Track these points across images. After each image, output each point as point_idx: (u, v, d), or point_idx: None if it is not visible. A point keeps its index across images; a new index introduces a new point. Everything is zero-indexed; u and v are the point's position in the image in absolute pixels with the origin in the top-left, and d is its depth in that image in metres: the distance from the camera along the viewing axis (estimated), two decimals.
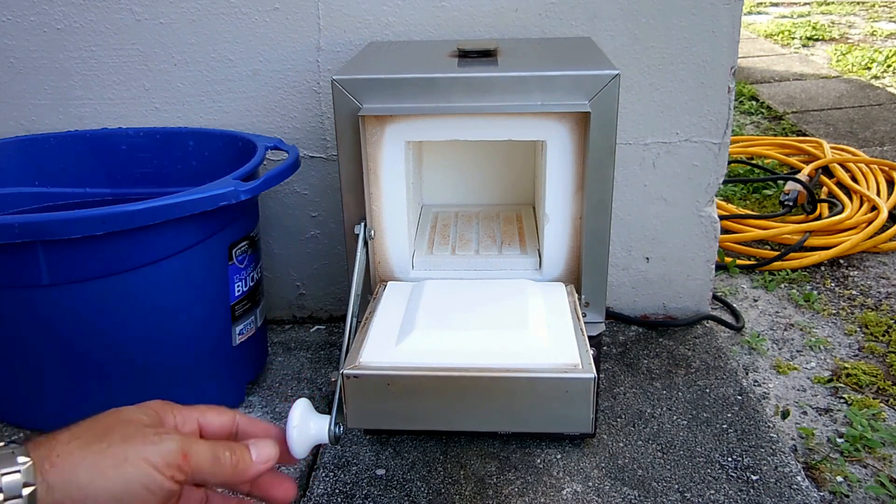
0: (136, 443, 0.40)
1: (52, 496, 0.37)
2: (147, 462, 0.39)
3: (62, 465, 0.38)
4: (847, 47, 3.18)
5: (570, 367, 0.59)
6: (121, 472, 0.38)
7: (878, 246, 1.42)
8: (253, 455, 0.45)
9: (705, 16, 0.96)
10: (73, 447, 0.39)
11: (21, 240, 0.75)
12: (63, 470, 0.37)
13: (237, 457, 0.44)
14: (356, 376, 0.59)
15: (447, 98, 0.70)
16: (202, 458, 0.41)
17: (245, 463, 0.44)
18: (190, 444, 0.41)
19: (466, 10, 0.98)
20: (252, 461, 0.44)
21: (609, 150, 0.71)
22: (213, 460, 0.42)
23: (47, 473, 0.37)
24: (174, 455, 0.40)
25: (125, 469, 0.38)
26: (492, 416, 0.60)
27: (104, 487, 0.38)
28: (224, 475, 0.43)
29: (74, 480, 0.37)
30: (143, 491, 0.39)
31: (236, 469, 0.43)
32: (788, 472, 0.81)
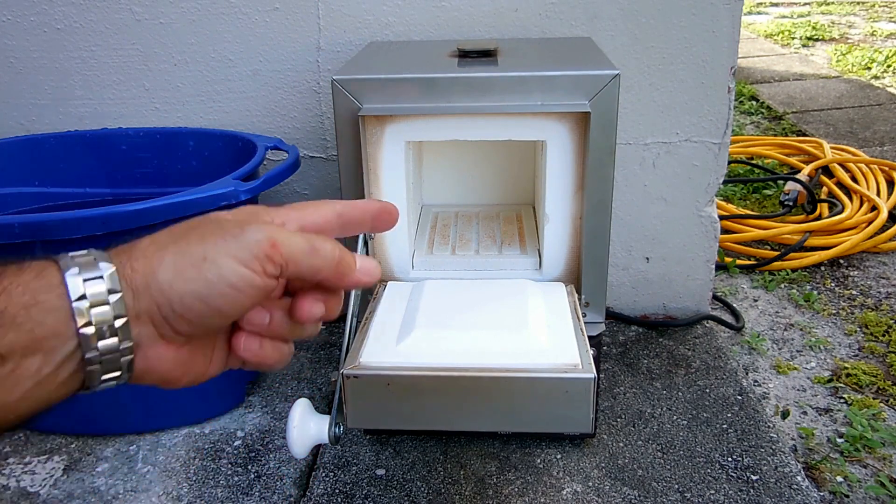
0: (216, 238, 0.36)
1: (139, 303, 0.35)
2: (230, 257, 0.35)
3: (142, 270, 0.35)
4: (847, 47, 3.18)
5: (570, 368, 0.59)
6: (201, 272, 0.35)
7: (878, 246, 1.42)
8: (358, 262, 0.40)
9: (705, 16, 0.96)
10: (152, 251, 0.36)
11: (21, 240, 0.75)
12: (143, 275, 0.35)
13: (341, 253, 0.39)
14: (356, 376, 0.59)
15: (447, 98, 0.70)
16: (296, 247, 0.36)
17: (347, 262, 0.39)
18: (279, 232, 0.36)
19: (466, 10, 0.98)
20: (355, 266, 0.39)
21: (609, 150, 0.71)
22: (311, 250, 0.37)
23: (130, 279, 0.35)
24: (261, 245, 0.35)
25: (205, 268, 0.35)
26: (492, 416, 0.60)
27: (186, 289, 0.35)
28: (325, 269, 0.38)
29: (156, 284, 0.35)
30: (230, 289, 0.35)
31: (339, 265, 0.38)
32: (788, 472, 0.81)
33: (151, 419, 0.91)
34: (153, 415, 0.91)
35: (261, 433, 0.91)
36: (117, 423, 0.90)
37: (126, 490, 0.82)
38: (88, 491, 0.82)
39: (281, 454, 0.87)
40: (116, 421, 0.90)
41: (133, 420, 0.91)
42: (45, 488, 0.83)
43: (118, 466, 0.86)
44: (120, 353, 0.35)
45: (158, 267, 0.35)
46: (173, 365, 0.37)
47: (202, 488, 0.82)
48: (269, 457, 0.86)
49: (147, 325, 0.35)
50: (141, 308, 0.35)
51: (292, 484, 0.82)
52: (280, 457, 0.86)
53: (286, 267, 0.36)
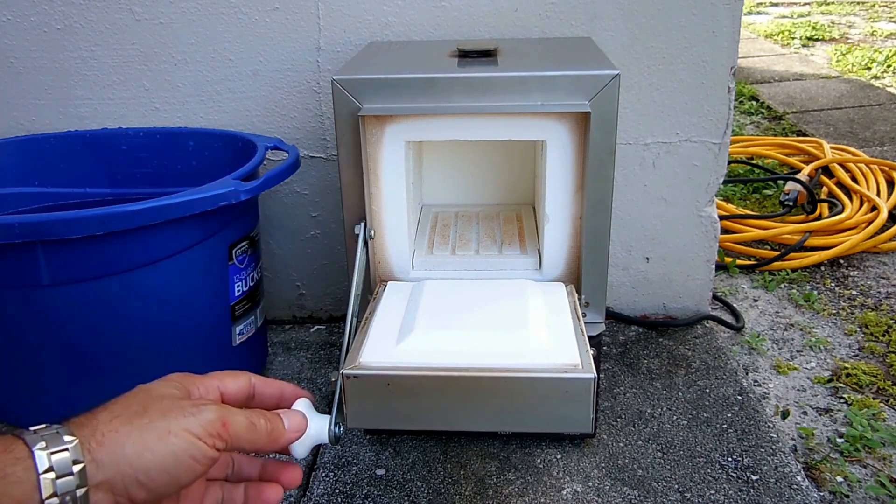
0: (177, 415, 0.40)
1: (102, 473, 0.38)
2: (189, 433, 0.40)
3: (108, 444, 0.38)
4: (847, 47, 3.18)
5: (570, 367, 0.59)
6: (167, 444, 0.39)
7: (878, 246, 1.42)
8: (286, 423, 0.46)
9: (705, 16, 0.96)
10: (116, 424, 0.40)
11: (21, 240, 0.75)
12: (110, 448, 0.38)
13: (272, 424, 0.45)
14: (356, 376, 0.59)
15: (447, 98, 0.70)
16: (240, 426, 0.43)
17: (279, 431, 0.46)
18: (227, 412, 0.42)
19: (466, 10, 0.98)
20: (285, 429, 0.46)
21: (609, 150, 0.71)
22: (250, 427, 0.43)
23: (94, 451, 0.38)
24: (214, 424, 0.41)
25: (170, 441, 0.39)
26: (492, 417, 0.60)
27: (153, 461, 0.39)
28: (260, 442, 0.44)
29: (123, 456, 0.38)
30: (190, 460, 0.40)
31: (271, 436, 0.45)
32: (788, 472, 0.81)
33: None
34: None
35: None
36: None
37: None
38: None
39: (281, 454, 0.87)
40: None
41: None
42: None
43: None
44: None
45: (126, 441, 0.39)
46: None
47: None
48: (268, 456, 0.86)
49: (106, 492, 0.38)
50: (104, 477, 0.38)
51: None
52: (280, 456, 0.86)
53: (230, 442, 0.42)
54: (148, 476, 0.39)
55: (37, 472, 0.36)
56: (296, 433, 0.47)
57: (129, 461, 0.38)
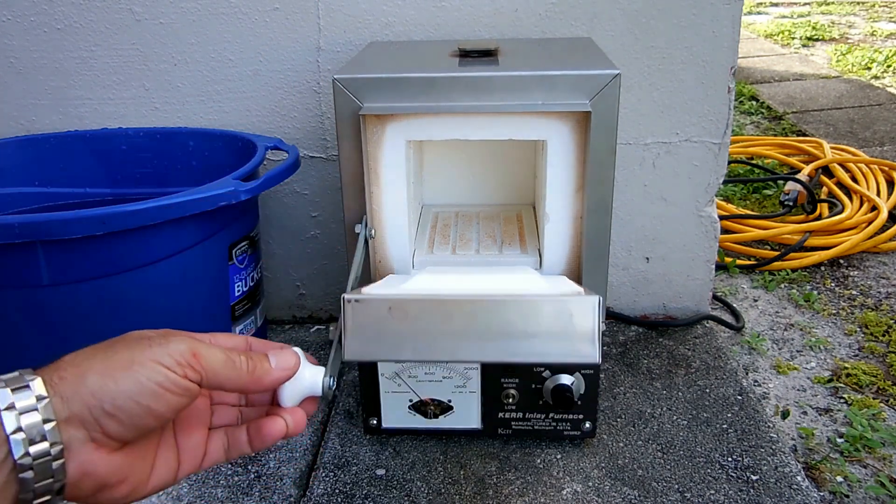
0: (143, 348, 0.39)
1: (68, 408, 0.37)
2: (156, 362, 0.39)
3: (70, 377, 0.37)
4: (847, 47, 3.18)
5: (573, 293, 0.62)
6: (131, 373, 0.38)
7: (878, 246, 1.42)
8: (272, 362, 0.44)
9: (705, 16, 0.96)
10: (79, 360, 0.38)
11: (21, 240, 0.75)
12: (72, 381, 0.37)
13: (254, 363, 0.43)
14: (357, 300, 0.58)
15: (448, 97, 0.70)
16: (214, 359, 0.41)
17: (263, 369, 0.43)
18: (199, 345, 0.41)
19: (467, 10, 0.98)
20: (271, 367, 0.44)
21: (609, 150, 0.71)
22: (227, 362, 0.42)
23: (57, 386, 0.37)
24: (184, 354, 0.40)
25: (134, 370, 0.38)
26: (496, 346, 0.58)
27: (116, 390, 0.37)
28: (240, 380, 0.42)
29: (85, 387, 0.37)
30: (158, 388, 0.38)
31: (253, 374, 0.43)
32: (788, 472, 0.81)
33: None
34: None
35: None
36: None
37: None
38: None
39: (281, 454, 0.87)
40: None
41: None
42: None
43: None
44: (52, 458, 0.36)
45: (88, 372, 0.38)
46: (108, 470, 0.39)
47: (202, 488, 0.82)
48: (269, 457, 0.86)
49: (78, 428, 0.37)
50: (71, 412, 0.37)
51: (292, 484, 0.82)
52: (280, 457, 0.86)
53: (205, 376, 0.40)
54: (114, 405, 0.37)
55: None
56: (284, 371, 0.45)
57: (92, 391, 0.37)
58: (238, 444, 0.46)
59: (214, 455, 0.46)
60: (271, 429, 0.45)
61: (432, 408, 0.83)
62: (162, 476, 0.43)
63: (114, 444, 0.39)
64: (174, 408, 0.40)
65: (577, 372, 0.80)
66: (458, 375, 0.81)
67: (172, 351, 0.39)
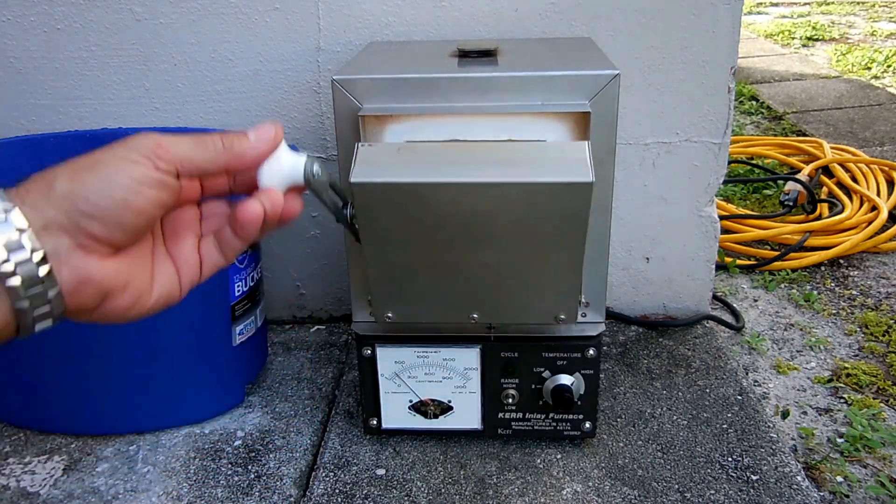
0: (105, 150, 0.38)
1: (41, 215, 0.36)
2: (120, 157, 0.38)
3: (35, 188, 0.36)
4: (847, 47, 3.18)
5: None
6: (97, 172, 0.37)
7: (878, 246, 1.42)
8: (251, 136, 0.42)
9: (705, 16, 0.96)
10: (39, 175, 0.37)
11: None
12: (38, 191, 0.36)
13: (230, 139, 0.42)
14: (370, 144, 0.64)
15: (447, 98, 0.70)
16: (182, 145, 0.40)
17: (242, 143, 0.42)
18: (163, 136, 0.39)
19: (466, 10, 0.98)
20: (250, 140, 0.42)
21: (609, 150, 0.71)
22: (196, 144, 0.40)
23: (24, 197, 0.36)
24: (147, 146, 0.38)
25: (99, 169, 0.37)
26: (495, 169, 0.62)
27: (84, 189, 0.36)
28: (218, 159, 0.41)
29: (53, 192, 0.36)
30: (130, 181, 0.37)
31: (232, 150, 0.41)
32: (788, 472, 0.81)
33: (151, 419, 0.91)
34: (153, 415, 0.91)
35: (261, 433, 0.91)
36: (117, 423, 0.91)
37: (126, 490, 0.82)
38: (88, 491, 0.82)
39: (281, 454, 0.87)
40: (116, 421, 0.90)
41: (133, 420, 0.91)
42: (45, 488, 0.83)
43: (118, 466, 0.86)
44: (35, 263, 0.35)
45: (54, 180, 0.37)
46: (105, 276, 0.38)
47: (202, 488, 0.82)
48: (269, 457, 0.86)
49: (60, 236, 0.36)
50: (46, 219, 0.36)
51: (292, 484, 0.82)
52: (280, 457, 0.86)
53: (179, 164, 0.39)
54: (89, 203, 0.36)
55: None
56: (265, 143, 0.43)
57: (62, 195, 0.36)
58: (227, 241, 0.45)
59: (210, 259, 0.45)
60: (245, 211, 0.42)
61: (432, 408, 0.83)
62: (165, 286, 0.43)
63: (104, 248, 0.38)
64: (156, 203, 0.39)
65: (577, 372, 0.80)
66: (458, 375, 0.81)
67: (136, 146, 0.38)
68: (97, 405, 0.89)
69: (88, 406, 0.89)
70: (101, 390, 0.87)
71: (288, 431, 0.91)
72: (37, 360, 0.85)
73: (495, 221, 0.63)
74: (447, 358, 0.80)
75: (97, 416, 0.90)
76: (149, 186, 0.38)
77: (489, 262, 0.68)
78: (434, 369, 0.81)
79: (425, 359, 0.80)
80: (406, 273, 0.70)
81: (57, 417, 0.91)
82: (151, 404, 0.90)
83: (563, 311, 0.72)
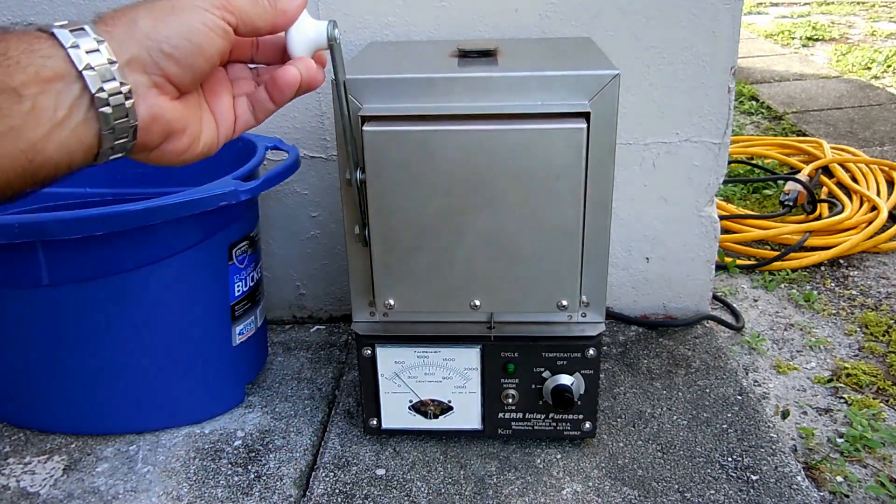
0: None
1: (126, 50, 0.38)
2: (196, 6, 0.41)
3: (120, 23, 0.39)
4: (847, 47, 3.18)
5: None
6: (176, 15, 0.40)
7: (878, 246, 1.42)
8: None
9: (705, 16, 0.96)
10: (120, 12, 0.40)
11: (21, 240, 0.75)
12: (123, 26, 0.39)
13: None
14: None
15: (447, 98, 0.70)
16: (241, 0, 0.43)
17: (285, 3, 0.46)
18: None
19: (466, 10, 0.98)
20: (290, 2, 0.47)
21: (609, 150, 0.71)
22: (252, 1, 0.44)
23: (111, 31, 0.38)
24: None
25: (178, 13, 0.40)
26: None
27: (167, 31, 0.40)
28: (267, 14, 0.45)
29: (138, 30, 0.39)
30: (205, 28, 0.41)
31: (276, 7, 0.46)
32: (788, 472, 0.81)
33: (151, 419, 0.91)
34: (153, 415, 0.91)
35: (261, 433, 0.91)
36: (117, 423, 0.91)
37: (126, 490, 0.82)
38: (88, 491, 0.82)
39: (281, 454, 0.87)
40: (116, 421, 0.90)
41: (133, 420, 0.91)
42: (45, 488, 0.83)
43: (118, 466, 0.86)
44: (123, 95, 0.38)
45: (137, 18, 0.40)
46: (173, 116, 0.42)
47: (202, 488, 0.82)
48: (269, 457, 0.87)
49: (140, 73, 0.39)
50: (130, 55, 0.39)
51: (292, 484, 0.82)
52: (280, 457, 0.86)
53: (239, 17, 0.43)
54: (171, 44, 0.40)
55: (63, 47, 0.36)
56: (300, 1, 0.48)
57: (146, 33, 0.39)
58: (261, 102, 0.49)
59: (244, 117, 0.49)
60: (285, 76, 0.47)
61: (432, 408, 0.83)
62: (209, 135, 0.46)
63: (173, 91, 0.41)
64: (219, 50, 0.42)
65: (577, 372, 0.80)
66: (458, 375, 0.81)
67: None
68: (97, 405, 0.89)
69: (88, 406, 0.89)
70: (101, 390, 0.87)
71: (288, 431, 0.91)
72: (37, 360, 0.85)
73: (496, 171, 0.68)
74: (447, 358, 0.80)
75: (97, 416, 0.90)
76: (217, 35, 0.42)
77: (490, 229, 0.69)
78: (434, 369, 0.81)
79: (425, 359, 0.80)
80: (409, 244, 0.71)
81: (57, 417, 0.91)
82: (151, 404, 0.90)
83: (565, 297, 0.72)
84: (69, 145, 0.37)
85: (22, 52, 0.35)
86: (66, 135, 0.37)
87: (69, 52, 0.36)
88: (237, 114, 0.49)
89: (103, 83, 0.37)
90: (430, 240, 0.71)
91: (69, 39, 0.37)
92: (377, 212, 0.70)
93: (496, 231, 0.70)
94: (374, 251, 0.72)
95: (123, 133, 0.39)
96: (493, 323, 0.79)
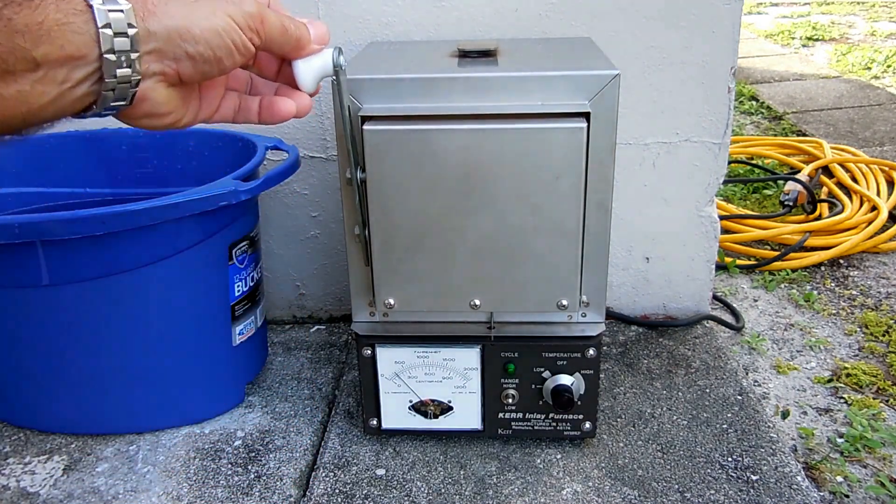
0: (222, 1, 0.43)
1: (153, 41, 0.40)
2: (231, 18, 0.42)
3: (159, 14, 0.40)
4: (847, 47, 3.18)
5: None
6: (211, 22, 0.42)
7: (878, 246, 1.42)
8: (311, 32, 0.49)
9: (705, 16, 0.96)
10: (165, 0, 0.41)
11: (21, 240, 0.75)
12: (160, 18, 0.40)
13: (300, 31, 0.48)
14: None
15: (447, 98, 0.70)
16: (274, 26, 0.45)
17: (305, 38, 0.48)
18: (265, 10, 0.45)
19: (466, 10, 0.98)
20: (310, 38, 0.49)
21: (609, 150, 0.71)
22: (283, 30, 0.46)
23: (146, 20, 0.40)
24: (254, 18, 0.44)
25: (214, 20, 0.42)
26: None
27: (199, 35, 0.41)
28: (287, 46, 0.47)
29: (172, 27, 0.40)
30: (230, 43, 0.42)
31: (298, 42, 0.48)
32: (788, 472, 0.81)
33: (151, 419, 0.91)
34: (153, 415, 0.91)
35: (261, 433, 0.91)
36: (117, 423, 0.91)
37: (126, 490, 0.82)
38: (88, 491, 0.82)
39: (281, 454, 0.87)
40: (116, 421, 0.90)
41: (133, 420, 0.91)
42: (45, 488, 0.83)
43: (118, 466, 0.86)
44: (129, 84, 0.40)
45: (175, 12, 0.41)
46: (161, 100, 0.43)
47: (202, 488, 0.82)
48: (269, 457, 0.86)
49: (155, 61, 0.41)
50: (154, 46, 0.40)
51: (292, 484, 0.82)
52: (280, 457, 0.86)
53: (264, 41, 0.45)
54: (196, 49, 0.41)
55: (96, 26, 0.37)
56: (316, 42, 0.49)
57: (179, 32, 0.40)
58: (247, 112, 0.51)
59: (225, 112, 0.50)
60: (282, 107, 0.50)
61: (432, 408, 0.83)
62: (187, 117, 0.47)
63: (176, 81, 0.43)
64: (237, 65, 0.44)
65: (577, 372, 0.80)
66: (458, 375, 0.81)
67: (244, 13, 0.43)
68: (97, 405, 0.89)
69: (88, 406, 0.89)
70: (101, 390, 0.87)
71: (288, 431, 0.91)
72: (37, 360, 0.85)
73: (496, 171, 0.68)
74: (447, 358, 0.80)
75: (97, 416, 0.90)
76: (240, 53, 0.43)
77: (490, 228, 0.69)
78: (434, 369, 0.81)
79: (425, 359, 0.80)
80: (409, 244, 0.71)
81: (57, 417, 0.91)
82: (151, 404, 0.90)
83: (565, 297, 0.72)
84: (64, 109, 0.39)
85: (54, 23, 0.36)
86: (65, 102, 0.38)
87: (100, 33, 0.37)
88: (221, 105, 0.50)
89: (117, 69, 0.38)
90: (430, 240, 0.71)
91: (103, 18, 0.37)
92: (377, 211, 0.70)
93: (496, 231, 0.70)
94: (374, 251, 0.72)
95: (113, 108, 0.41)
96: (493, 323, 0.79)
